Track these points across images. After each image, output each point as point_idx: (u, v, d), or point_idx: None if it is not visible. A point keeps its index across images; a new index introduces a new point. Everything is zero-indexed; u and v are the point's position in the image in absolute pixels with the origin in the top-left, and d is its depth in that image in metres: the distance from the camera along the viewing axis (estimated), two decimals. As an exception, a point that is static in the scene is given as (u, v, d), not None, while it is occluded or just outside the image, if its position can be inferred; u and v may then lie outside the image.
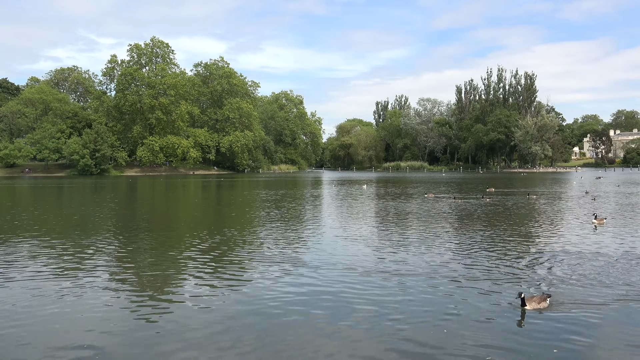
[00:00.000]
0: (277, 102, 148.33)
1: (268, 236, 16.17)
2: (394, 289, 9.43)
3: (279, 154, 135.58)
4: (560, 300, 8.53)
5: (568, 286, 9.50)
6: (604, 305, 8.30)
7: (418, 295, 9.00)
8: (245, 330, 7.28)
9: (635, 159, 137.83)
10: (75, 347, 6.75)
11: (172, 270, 11.37)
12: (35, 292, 9.34)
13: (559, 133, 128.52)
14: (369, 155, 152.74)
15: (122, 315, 8.09)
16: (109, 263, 12.09)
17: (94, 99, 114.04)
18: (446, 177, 75.79)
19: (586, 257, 12.23)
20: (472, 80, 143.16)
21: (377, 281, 9.99)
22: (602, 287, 9.37)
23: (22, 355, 6.51)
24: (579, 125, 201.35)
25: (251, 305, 8.46)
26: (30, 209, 27.08)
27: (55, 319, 7.90)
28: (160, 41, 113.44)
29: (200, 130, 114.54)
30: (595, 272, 10.54)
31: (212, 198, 36.77)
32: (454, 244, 14.29)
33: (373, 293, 9.11)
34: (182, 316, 7.97)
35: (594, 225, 17.88)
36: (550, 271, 10.79)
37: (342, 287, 9.55)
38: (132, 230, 17.74)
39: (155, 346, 6.75)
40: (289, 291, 9.34)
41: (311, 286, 9.67)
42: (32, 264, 11.93)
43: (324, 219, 21.33)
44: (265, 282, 10.08)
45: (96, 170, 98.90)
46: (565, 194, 36.09)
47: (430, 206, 26.05)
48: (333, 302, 8.60)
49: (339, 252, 13.17)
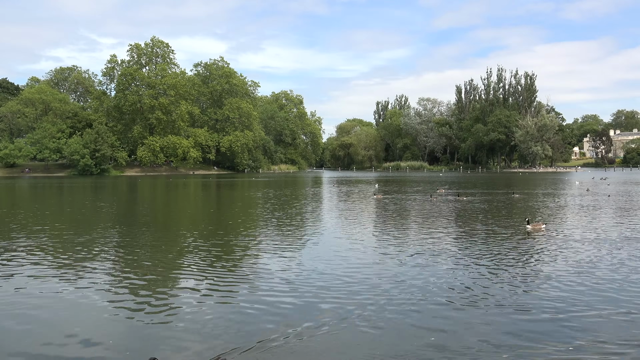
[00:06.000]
0: (277, 102, 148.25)
1: (269, 236, 16.21)
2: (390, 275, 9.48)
3: (279, 153, 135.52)
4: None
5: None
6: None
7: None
8: (245, 330, 7.33)
9: (635, 159, 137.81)
10: (74, 345, 6.79)
11: (172, 268, 11.40)
12: (36, 291, 9.37)
13: (559, 133, 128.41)
14: (369, 155, 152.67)
15: (122, 313, 8.12)
16: (109, 262, 12.11)
17: (94, 99, 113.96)
18: (443, 177, 75.79)
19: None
20: (472, 80, 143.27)
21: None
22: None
23: (21, 353, 6.54)
24: (579, 125, 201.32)
25: (251, 305, 8.51)
26: (36, 206, 27.11)
27: (55, 317, 7.94)
28: (160, 41, 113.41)
29: (200, 130, 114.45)
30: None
31: (213, 198, 36.80)
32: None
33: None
34: (182, 315, 8.01)
35: (527, 231, 16.27)
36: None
37: (342, 287, 9.60)
38: (136, 227, 17.79)
39: (154, 344, 6.79)
40: (290, 291, 9.38)
41: (312, 286, 9.71)
42: (32, 261, 11.96)
43: (350, 221, 21.34)
44: (265, 281, 10.12)
45: (96, 170, 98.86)
46: (550, 193, 36.12)
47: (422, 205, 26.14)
48: (333, 302, 8.64)
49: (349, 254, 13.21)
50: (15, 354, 6.54)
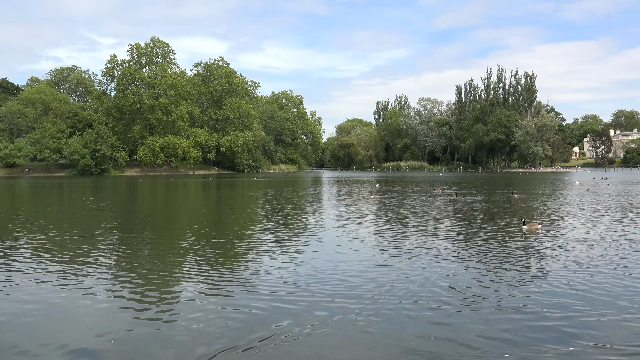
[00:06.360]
0: (277, 102, 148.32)
1: (269, 235, 16.21)
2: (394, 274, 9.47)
3: (278, 153, 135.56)
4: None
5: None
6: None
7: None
8: (246, 329, 7.32)
9: (635, 159, 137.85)
10: (74, 345, 6.78)
11: (172, 268, 11.38)
12: (35, 291, 9.36)
13: (559, 133, 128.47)
14: (369, 155, 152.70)
15: (122, 312, 8.11)
16: (109, 262, 12.10)
17: (94, 99, 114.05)
18: (443, 177, 75.79)
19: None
20: (472, 80, 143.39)
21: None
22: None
23: (21, 353, 6.53)
24: (579, 125, 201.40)
25: (252, 304, 8.51)
26: (36, 206, 27.12)
27: (55, 316, 7.94)
28: (160, 41, 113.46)
29: (200, 130, 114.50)
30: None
31: (213, 198, 36.80)
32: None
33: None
34: (183, 315, 8.00)
35: (523, 233, 16.07)
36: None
37: (341, 286, 9.59)
38: (136, 227, 17.79)
39: (155, 344, 6.79)
40: (289, 291, 9.37)
41: (311, 286, 9.70)
42: (31, 261, 11.95)
43: (355, 219, 21.36)
44: (265, 280, 10.12)
45: (96, 170, 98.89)
46: (550, 193, 36.11)
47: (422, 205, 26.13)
48: (332, 302, 8.64)
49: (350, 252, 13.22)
50: (15, 353, 6.52)
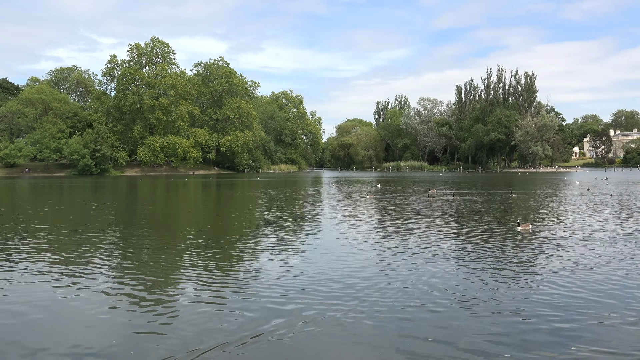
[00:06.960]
0: (277, 102, 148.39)
1: (269, 235, 16.22)
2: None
3: (278, 153, 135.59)
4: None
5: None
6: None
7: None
8: (245, 328, 7.33)
9: (635, 159, 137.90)
10: (74, 345, 6.78)
11: (173, 268, 11.40)
12: (35, 290, 9.36)
13: (559, 133, 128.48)
14: (369, 155, 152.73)
15: (123, 312, 8.12)
16: (109, 261, 12.11)
17: (94, 99, 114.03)
18: (443, 177, 75.79)
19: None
20: (472, 80, 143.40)
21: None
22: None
23: (20, 353, 6.53)
24: (579, 125, 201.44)
25: (252, 304, 8.51)
26: (36, 206, 27.12)
27: (55, 316, 7.95)
28: (160, 41, 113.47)
29: (200, 130, 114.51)
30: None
31: (213, 198, 36.81)
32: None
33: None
34: (184, 314, 8.01)
35: (518, 232, 16.04)
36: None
37: (340, 286, 9.59)
38: (136, 227, 17.79)
39: (155, 344, 6.79)
40: (288, 290, 9.37)
41: (310, 286, 9.71)
42: (31, 261, 11.96)
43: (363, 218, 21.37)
44: (265, 280, 10.12)
45: (96, 170, 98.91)
46: (548, 193, 36.12)
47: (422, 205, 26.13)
48: (330, 301, 8.64)
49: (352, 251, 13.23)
50: (14, 354, 6.53)
